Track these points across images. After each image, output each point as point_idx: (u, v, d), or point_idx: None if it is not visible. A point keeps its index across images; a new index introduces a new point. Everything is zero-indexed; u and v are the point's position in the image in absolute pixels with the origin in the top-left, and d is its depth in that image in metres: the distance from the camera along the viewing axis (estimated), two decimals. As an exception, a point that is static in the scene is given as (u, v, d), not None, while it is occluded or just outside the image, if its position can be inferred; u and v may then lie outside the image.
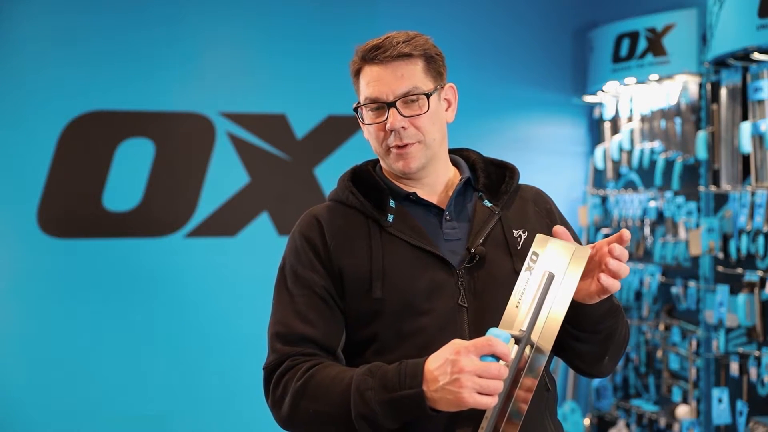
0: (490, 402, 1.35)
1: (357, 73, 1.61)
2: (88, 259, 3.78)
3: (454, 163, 1.70)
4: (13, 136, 3.71)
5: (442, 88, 1.62)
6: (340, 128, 4.07)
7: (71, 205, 3.78)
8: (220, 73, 3.97)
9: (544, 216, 1.67)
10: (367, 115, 1.60)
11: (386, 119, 1.57)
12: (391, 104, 1.56)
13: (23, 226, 3.71)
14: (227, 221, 3.96)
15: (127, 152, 3.84)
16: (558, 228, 1.47)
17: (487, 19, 4.35)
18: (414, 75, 1.57)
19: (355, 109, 1.62)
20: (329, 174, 4.05)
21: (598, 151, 4.36)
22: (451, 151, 1.72)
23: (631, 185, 4.22)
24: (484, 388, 1.34)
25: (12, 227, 3.72)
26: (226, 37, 4.03)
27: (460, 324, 1.53)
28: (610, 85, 4.10)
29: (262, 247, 3.95)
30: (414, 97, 1.57)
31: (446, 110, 1.64)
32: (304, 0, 4.07)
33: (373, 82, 1.57)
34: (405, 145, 1.58)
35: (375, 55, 1.56)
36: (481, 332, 1.51)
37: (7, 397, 3.68)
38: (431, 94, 1.58)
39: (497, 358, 1.37)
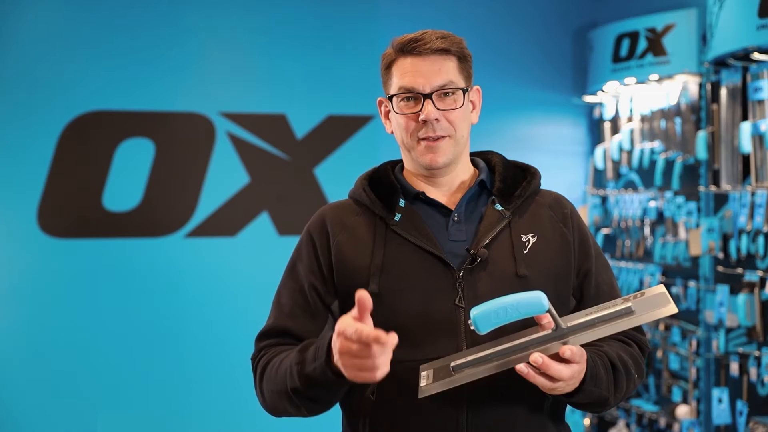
0: (377, 375, 1.36)
1: (389, 65, 1.62)
2: (88, 259, 3.77)
3: (475, 165, 1.71)
4: (13, 137, 3.71)
5: (471, 89, 1.65)
6: (340, 128, 4.07)
7: (71, 205, 3.78)
8: (220, 73, 3.97)
9: (559, 221, 1.65)
10: (398, 105, 1.61)
11: (420, 110, 1.58)
12: (428, 95, 1.57)
13: (23, 226, 3.71)
14: (227, 221, 3.96)
15: (127, 152, 3.84)
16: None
17: (487, 19, 4.34)
18: (450, 70, 1.59)
19: (380, 102, 1.66)
20: (329, 174, 4.05)
21: (598, 151, 4.36)
22: (475, 154, 1.74)
23: (631, 185, 4.22)
24: (358, 365, 1.36)
25: (12, 227, 3.72)
26: (226, 37, 4.02)
27: (456, 324, 1.54)
28: (610, 85, 4.10)
29: (262, 247, 3.95)
30: (449, 91, 1.59)
31: (471, 112, 1.66)
32: (304, 0, 4.07)
33: (409, 72, 1.59)
34: (437, 138, 1.59)
35: (414, 47, 1.58)
36: (478, 333, 1.51)
37: (7, 396, 3.68)
38: (467, 90, 1.61)
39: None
